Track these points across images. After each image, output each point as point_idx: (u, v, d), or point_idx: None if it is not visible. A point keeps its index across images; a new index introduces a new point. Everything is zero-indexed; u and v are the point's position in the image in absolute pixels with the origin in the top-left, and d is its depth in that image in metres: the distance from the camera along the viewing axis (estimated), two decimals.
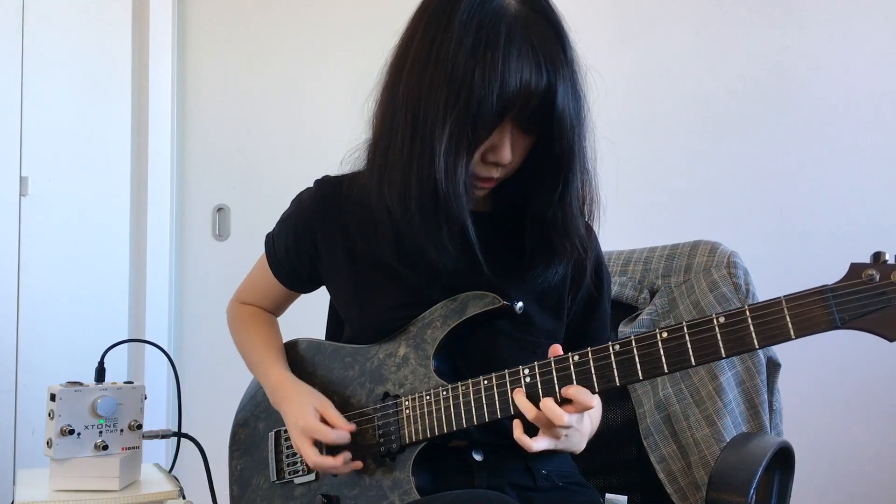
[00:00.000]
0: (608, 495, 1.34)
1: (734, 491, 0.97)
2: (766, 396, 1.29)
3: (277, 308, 1.31)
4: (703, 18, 2.11)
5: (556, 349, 0.95)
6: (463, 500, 0.91)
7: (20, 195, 2.33)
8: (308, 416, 1.06)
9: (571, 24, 1.01)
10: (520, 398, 0.94)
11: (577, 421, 0.95)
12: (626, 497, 1.35)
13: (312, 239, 1.15)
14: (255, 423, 1.22)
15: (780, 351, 1.33)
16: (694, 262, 1.37)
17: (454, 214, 0.97)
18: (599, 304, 1.15)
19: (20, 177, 2.33)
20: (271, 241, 1.23)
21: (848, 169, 1.93)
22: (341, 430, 1.04)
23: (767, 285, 1.36)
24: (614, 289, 1.43)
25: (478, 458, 1.06)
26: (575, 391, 0.91)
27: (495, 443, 1.07)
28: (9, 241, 2.30)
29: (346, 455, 1.05)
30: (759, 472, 0.98)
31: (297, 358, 1.20)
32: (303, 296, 1.29)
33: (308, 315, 1.42)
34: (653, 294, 1.41)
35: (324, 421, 1.06)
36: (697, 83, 2.11)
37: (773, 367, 1.32)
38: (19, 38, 2.32)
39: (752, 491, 0.96)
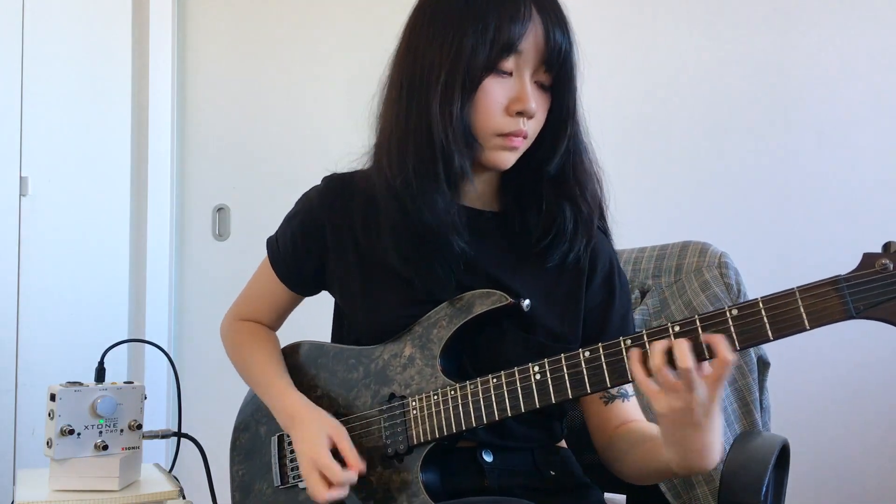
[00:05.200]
0: (607, 494, 1.34)
1: (748, 491, 0.98)
2: (757, 395, 1.30)
3: (277, 318, 1.27)
4: (699, 17, 2.11)
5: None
6: None
7: (20, 195, 2.33)
8: (321, 449, 1.02)
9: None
10: (634, 363, 0.87)
11: (707, 395, 0.84)
12: (624, 496, 1.35)
13: (322, 234, 1.14)
14: (257, 428, 1.20)
15: (778, 349, 1.33)
16: (684, 263, 1.38)
17: (452, 165, 1.00)
18: (612, 306, 1.13)
19: (20, 177, 2.33)
20: (274, 241, 1.21)
21: (844, 170, 1.93)
22: (351, 472, 1.00)
23: (762, 287, 1.37)
24: None
25: (488, 459, 1.05)
26: (717, 338, 0.82)
27: (504, 444, 1.07)
28: (9, 241, 2.30)
29: (345, 492, 1.01)
30: (770, 471, 0.99)
31: (299, 361, 1.18)
32: (308, 298, 1.27)
33: (312, 318, 1.41)
34: (643, 294, 1.42)
35: (334, 452, 1.03)
36: (693, 82, 2.11)
37: (763, 365, 1.33)
38: (19, 38, 2.33)
39: (763, 489, 0.97)
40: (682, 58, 2.12)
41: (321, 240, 1.14)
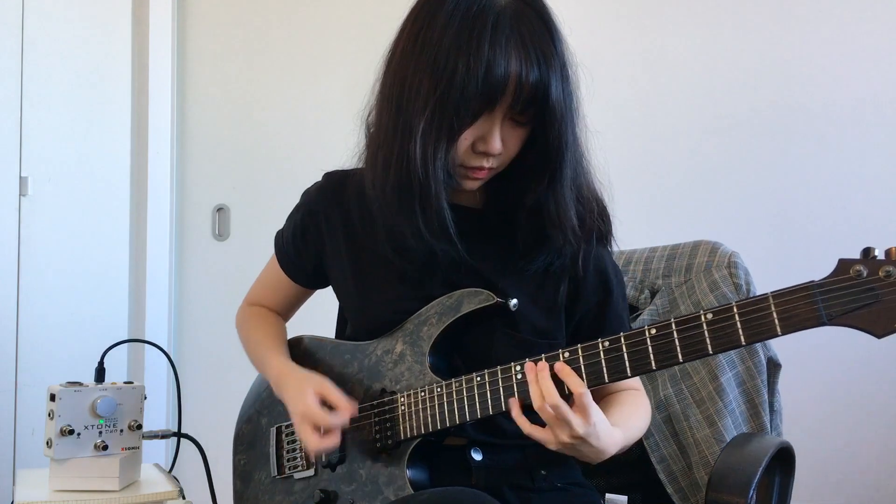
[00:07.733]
0: (608, 495, 1.34)
1: (734, 491, 0.96)
2: (766, 397, 1.29)
3: (287, 309, 1.30)
4: (702, 18, 2.11)
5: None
6: (438, 498, 0.92)
7: (20, 195, 2.33)
8: (307, 401, 1.04)
9: (571, 23, 1.02)
10: (515, 409, 0.94)
11: (582, 425, 0.90)
12: (626, 497, 1.35)
13: (318, 230, 1.17)
14: (259, 419, 1.23)
15: (780, 350, 1.33)
16: (695, 263, 1.37)
17: (429, 201, 0.99)
18: (608, 306, 1.13)
19: (20, 177, 2.33)
20: (280, 236, 1.25)
21: (849, 169, 1.93)
22: (342, 416, 1.03)
23: (770, 286, 1.36)
24: None
25: (477, 457, 1.06)
26: (565, 371, 0.90)
27: (494, 442, 1.07)
28: (9, 241, 2.30)
29: (336, 439, 1.03)
30: (759, 473, 0.98)
31: (300, 355, 1.21)
32: (315, 294, 1.29)
33: (317, 313, 1.41)
34: (653, 294, 1.41)
35: (324, 403, 1.05)
36: (698, 82, 2.11)
37: (774, 367, 1.32)
38: (19, 38, 2.32)
39: (751, 491, 0.95)
40: (686, 58, 2.12)
41: (319, 233, 1.17)
